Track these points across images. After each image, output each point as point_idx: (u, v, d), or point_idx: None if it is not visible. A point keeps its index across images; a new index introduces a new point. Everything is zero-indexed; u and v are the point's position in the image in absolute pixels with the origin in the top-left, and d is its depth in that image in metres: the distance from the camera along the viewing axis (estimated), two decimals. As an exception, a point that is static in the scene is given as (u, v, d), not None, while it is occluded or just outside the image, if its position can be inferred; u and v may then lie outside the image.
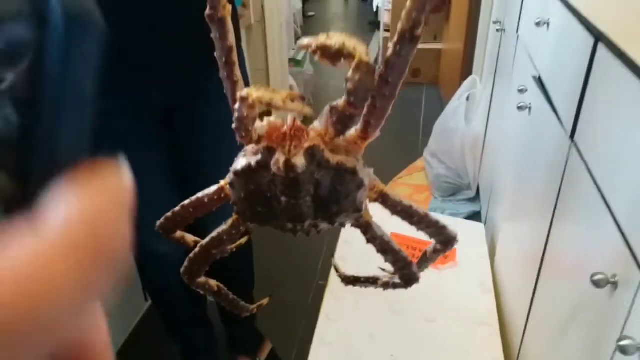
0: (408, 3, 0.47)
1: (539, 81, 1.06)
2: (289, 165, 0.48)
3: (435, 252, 0.68)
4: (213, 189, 0.60)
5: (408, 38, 0.47)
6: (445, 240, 0.65)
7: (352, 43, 0.47)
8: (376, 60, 3.99)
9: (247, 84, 1.07)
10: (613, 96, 0.68)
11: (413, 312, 1.21)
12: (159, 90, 0.95)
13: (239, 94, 0.48)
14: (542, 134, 1.03)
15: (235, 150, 0.55)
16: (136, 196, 0.69)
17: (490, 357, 1.10)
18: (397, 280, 0.72)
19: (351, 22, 5.49)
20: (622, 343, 0.53)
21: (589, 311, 0.70)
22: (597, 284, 0.62)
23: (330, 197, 0.53)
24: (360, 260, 0.66)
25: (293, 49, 2.95)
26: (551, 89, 0.98)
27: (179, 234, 0.70)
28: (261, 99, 0.46)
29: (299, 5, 4.36)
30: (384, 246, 0.64)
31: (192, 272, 0.68)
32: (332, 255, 1.16)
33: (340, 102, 0.49)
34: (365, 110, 0.52)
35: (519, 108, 1.12)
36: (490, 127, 1.87)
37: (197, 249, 0.65)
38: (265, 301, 0.84)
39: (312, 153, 0.49)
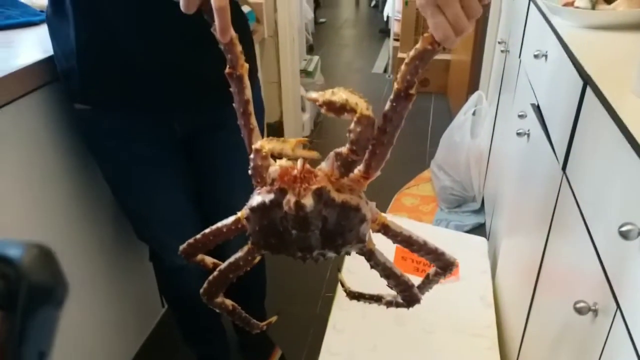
0: (403, 67, 0.55)
1: (538, 109, 1.12)
2: (299, 205, 0.55)
3: (436, 275, 0.75)
4: (231, 219, 0.67)
5: (403, 96, 0.55)
6: (444, 266, 0.72)
7: (354, 99, 0.54)
8: (385, 69, 4.06)
9: (260, 111, 1.15)
10: (598, 137, 0.74)
11: (416, 325, 1.27)
12: (180, 123, 1.02)
13: (253, 147, 0.56)
14: (538, 161, 1.09)
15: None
16: (160, 216, 0.80)
17: (488, 369, 1.16)
18: (399, 300, 0.79)
19: (362, 29, 5.55)
20: (597, 367, 0.59)
21: (574, 335, 0.76)
22: (579, 311, 0.68)
23: (336, 231, 0.60)
24: (366, 273, 0.72)
25: (304, 60, 3.03)
26: (548, 120, 1.04)
27: (199, 257, 0.77)
28: (273, 150, 0.54)
29: (311, 14, 4.44)
30: (387, 271, 0.71)
31: (210, 293, 0.76)
32: (339, 269, 1.22)
33: (344, 149, 0.57)
34: (366, 155, 0.59)
35: (518, 134, 1.19)
36: (494, 142, 1.92)
37: (215, 273, 0.72)
38: (274, 319, 0.91)
39: (319, 194, 0.56)
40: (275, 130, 2.69)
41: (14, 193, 1.01)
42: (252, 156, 0.58)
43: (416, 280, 0.78)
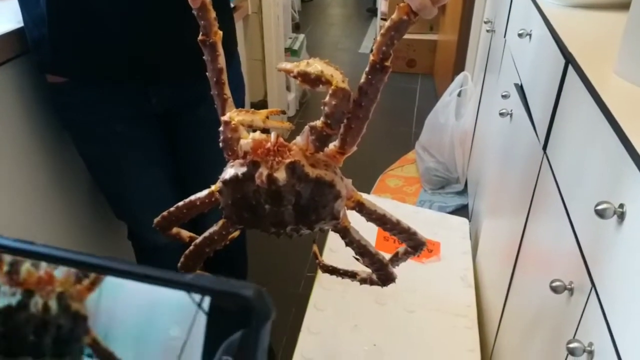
0: (378, 37, 0.53)
1: (521, 89, 1.11)
2: (271, 178, 0.54)
3: (406, 253, 0.75)
4: (204, 193, 0.66)
5: (379, 68, 0.53)
6: (415, 245, 0.72)
7: (330, 70, 0.52)
8: (372, 49, 4.02)
9: (240, 87, 1.12)
10: (578, 117, 0.74)
11: (397, 304, 1.28)
12: (159, 96, 0.99)
13: (222, 118, 0.54)
14: (520, 141, 1.09)
15: None
16: (139, 195, 0.78)
17: (467, 347, 1.17)
18: (374, 278, 0.79)
19: (349, 8, 5.48)
20: (571, 346, 0.60)
21: (550, 313, 0.77)
22: (555, 290, 0.69)
23: (310, 206, 0.59)
24: (349, 252, 0.71)
25: (290, 38, 2.98)
26: (530, 100, 1.03)
27: (174, 230, 0.76)
28: (242, 122, 0.53)
29: (297, -8, 4.37)
30: (361, 249, 0.71)
31: (187, 267, 0.75)
32: (314, 240, 1.22)
33: (318, 122, 0.55)
34: (342, 129, 0.58)
35: (501, 114, 1.18)
36: (479, 123, 1.92)
37: (191, 247, 0.71)
38: None
39: (292, 168, 0.55)
40: (259, 109, 2.66)
41: (-15, 169, 0.99)
42: (221, 128, 0.56)
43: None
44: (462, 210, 2.08)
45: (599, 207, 0.55)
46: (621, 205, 0.55)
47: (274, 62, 2.49)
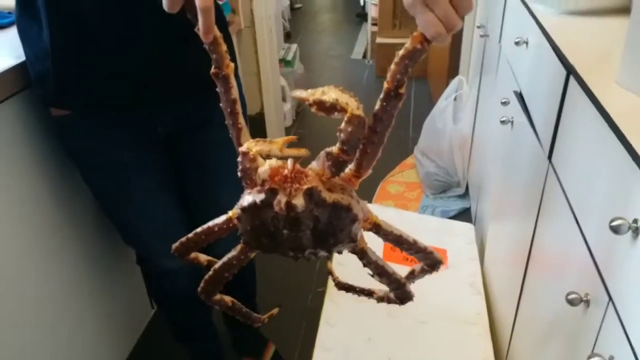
0: (392, 66, 0.54)
1: (520, 97, 1.12)
2: (289, 206, 0.55)
3: (422, 271, 0.75)
4: (222, 218, 0.67)
5: (393, 95, 0.54)
6: (432, 264, 0.72)
7: (345, 98, 0.53)
8: (364, 55, 4.04)
9: (242, 105, 1.13)
10: (582, 128, 0.74)
11: (409, 315, 1.28)
12: (163, 123, 1.00)
13: (239, 150, 0.55)
14: (523, 149, 1.09)
15: (237, 168, 0.60)
16: (146, 221, 0.78)
17: (481, 356, 1.18)
18: (392, 296, 0.79)
19: (339, 14, 5.50)
20: None
21: (566, 325, 0.77)
22: (571, 302, 0.69)
23: (328, 230, 0.60)
24: (357, 265, 0.72)
25: (283, 49, 2.99)
26: (531, 108, 1.04)
27: (192, 255, 0.77)
28: (260, 152, 0.53)
29: (286, 1, 4.38)
30: (379, 270, 0.71)
31: (208, 292, 0.76)
32: (329, 258, 1.22)
33: (335, 149, 0.56)
34: (357, 154, 0.59)
35: (502, 122, 1.19)
36: (477, 128, 1.93)
37: (211, 272, 0.72)
38: (275, 311, 0.92)
39: (310, 194, 0.55)
40: (257, 122, 2.66)
41: (-8, 206, 0.99)
42: (239, 159, 0.57)
43: (405, 270, 0.78)
44: (464, 214, 2.09)
45: (614, 224, 0.56)
46: (635, 221, 0.55)
47: (269, 74, 2.50)
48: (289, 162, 0.58)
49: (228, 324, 1.51)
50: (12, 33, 1.07)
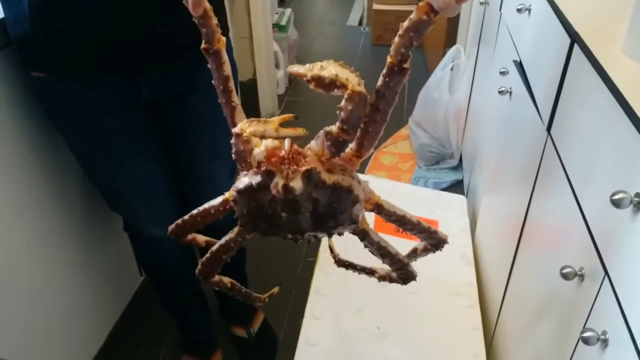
0: (396, 38, 0.50)
1: (520, 66, 1.09)
2: (287, 188, 0.52)
3: (425, 250, 0.74)
4: (218, 200, 0.64)
5: (397, 70, 0.51)
6: (436, 243, 0.71)
7: (345, 73, 0.50)
8: (360, 21, 3.95)
9: (233, 72, 1.10)
10: (586, 99, 0.72)
11: (398, 286, 1.27)
12: (148, 88, 0.96)
13: (233, 131, 0.52)
14: (521, 120, 1.07)
15: (227, 138, 0.58)
16: (132, 188, 0.75)
17: (470, 326, 1.18)
18: (394, 276, 0.78)
19: (335, -20, 5.36)
20: (585, 335, 0.59)
21: (559, 298, 0.77)
22: (565, 276, 0.68)
23: (328, 213, 0.57)
24: (354, 239, 0.70)
25: (277, 13, 2.91)
26: (531, 78, 1.01)
27: (190, 236, 0.75)
28: (255, 133, 0.50)
29: (282, -37, 4.24)
30: (381, 250, 0.70)
31: (205, 274, 0.73)
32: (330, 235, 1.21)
33: (334, 128, 0.53)
34: (358, 133, 0.56)
35: (500, 92, 1.16)
36: (473, 98, 1.90)
37: (208, 255, 0.70)
38: (276, 290, 0.90)
39: (309, 176, 0.52)
40: (249, 88, 2.61)
41: (-27, 168, 0.95)
42: (233, 141, 0.54)
43: (396, 241, 0.76)
44: (457, 186, 2.08)
45: (615, 197, 0.54)
46: (637, 195, 0.54)
47: (262, 39, 2.44)
48: (286, 142, 0.55)
49: (217, 293, 1.51)
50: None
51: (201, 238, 0.76)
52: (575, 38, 0.77)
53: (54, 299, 1.22)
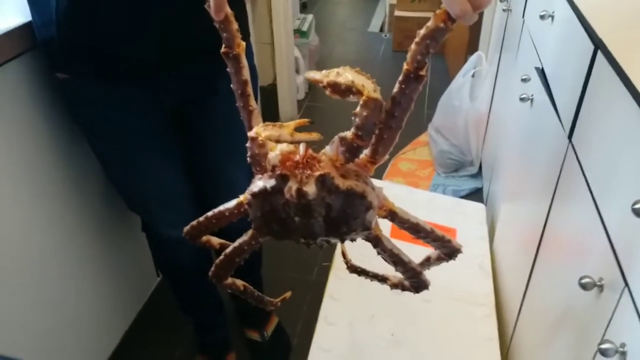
0: (413, 46, 0.50)
1: (542, 74, 1.08)
2: (300, 193, 0.52)
3: (439, 259, 0.73)
4: (233, 203, 0.64)
5: (413, 78, 0.51)
6: (450, 252, 0.69)
7: (361, 80, 0.50)
8: (382, 28, 3.95)
9: (253, 77, 1.11)
10: (609, 107, 0.70)
11: (413, 293, 1.26)
12: (168, 91, 0.97)
13: (248, 134, 0.52)
14: (542, 127, 1.05)
15: (245, 142, 0.58)
16: (151, 189, 0.76)
17: (485, 336, 1.16)
18: (406, 284, 0.77)
19: (357, -14, 5.37)
20: (603, 346, 0.58)
21: (577, 309, 0.75)
22: (584, 286, 0.67)
23: (341, 218, 0.57)
24: (369, 245, 0.70)
25: (298, 19, 2.92)
26: (553, 85, 1.00)
27: (204, 238, 0.75)
28: (270, 137, 0.50)
29: (304, -30, 4.27)
30: (394, 258, 0.69)
31: (219, 276, 0.74)
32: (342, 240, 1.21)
33: (349, 134, 0.53)
34: (373, 139, 0.55)
35: (521, 99, 1.14)
36: (494, 106, 1.88)
37: (222, 257, 0.70)
38: (288, 294, 0.90)
39: (322, 181, 0.52)
40: (269, 93, 2.62)
41: (-3, 165, 0.98)
42: (248, 144, 0.54)
43: (413, 248, 0.76)
44: (476, 194, 2.06)
45: (637, 206, 0.53)
46: (660, 204, 0.52)
47: (283, 45, 2.45)
48: (301, 147, 0.55)
49: (233, 296, 1.51)
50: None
51: (216, 240, 0.77)
52: (598, 45, 0.75)
53: (70, 299, 1.24)
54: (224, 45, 0.57)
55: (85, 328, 1.31)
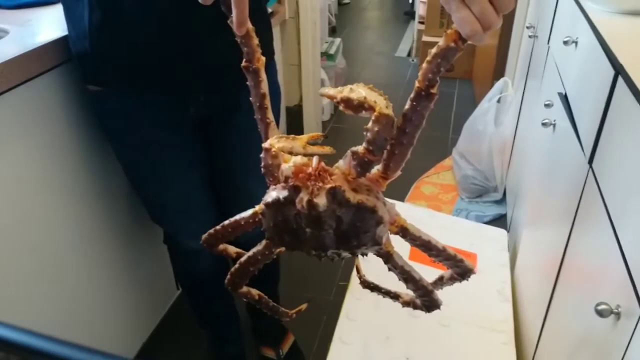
0: (424, 64, 0.51)
1: (565, 99, 1.07)
2: (311, 204, 0.53)
3: (452, 279, 0.72)
4: (249, 213, 0.66)
5: (424, 95, 0.52)
6: (462, 272, 0.69)
7: (373, 96, 0.51)
8: (409, 53, 3.98)
9: (276, 95, 1.12)
10: (628, 132, 0.70)
11: (430, 317, 1.24)
12: (195, 105, 1.00)
13: (263, 145, 0.54)
14: (563, 153, 1.04)
15: None
16: (174, 200, 0.78)
17: (503, 365, 1.14)
18: (418, 302, 0.77)
19: (387, 11, 5.45)
20: (617, 375, 0.56)
21: (594, 337, 0.73)
22: (600, 313, 0.65)
23: (351, 231, 0.58)
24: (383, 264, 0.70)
25: (326, 42, 2.98)
26: (575, 110, 0.99)
27: (221, 246, 0.77)
28: (283, 149, 0.52)
29: (335, -5, 4.36)
30: (405, 275, 0.69)
31: (234, 284, 0.75)
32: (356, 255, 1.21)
33: (360, 148, 0.54)
34: (385, 154, 0.56)
35: (544, 124, 1.14)
36: (519, 132, 1.87)
37: (236, 266, 0.72)
38: (303, 306, 0.91)
39: (333, 193, 0.53)
40: (295, 114, 2.66)
41: (28, 172, 1.02)
42: (262, 155, 0.56)
43: (432, 272, 0.75)
44: (500, 220, 2.03)
45: (652, 231, 0.52)
46: (676, 230, 0.51)
47: (310, 67, 2.50)
48: (314, 159, 0.56)
49: (250, 311, 1.52)
50: (60, 8, 1.10)
51: (232, 249, 0.78)
52: (619, 70, 0.75)
53: (90, 309, 1.26)
54: (244, 59, 0.59)
55: (104, 338, 1.33)
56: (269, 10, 2.07)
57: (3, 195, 0.97)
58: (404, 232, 0.63)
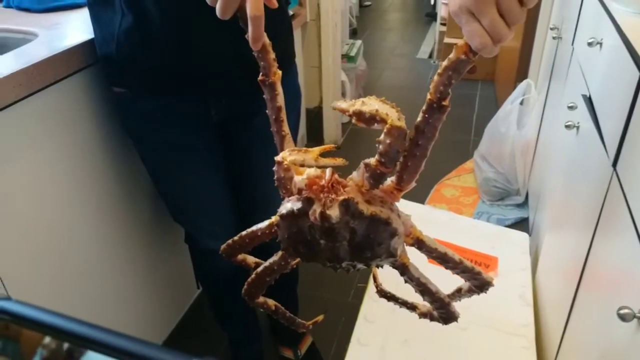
0: (436, 77, 0.51)
1: (589, 101, 1.06)
2: (324, 216, 0.53)
3: (470, 291, 0.72)
4: (265, 224, 0.67)
5: (436, 108, 0.52)
6: (480, 285, 0.68)
7: (385, 109, 0.51)
8: (431, 54, 3.95)
9: (297, 97, 1.12)
10: (653, 133, 0.69)
11: (449, 320, 1.24)
12: (217, 109, 1.02)
13: (275, 158, 0.55)
14: (587, 156, 1.03)
15: None
16: (195, 201, 0.80)
17: (524, 370, 1.12)
18: (435, 314, 0.76)
19: (408, 13, 5.42)
20: (640, 381, 0.55)
21: (617, 342, 0.72)
22: (622, 317, 0.64)
23: (365, 243, 0.58)
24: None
25: (347, 44, 2.98)
26: (599, 113, 0.98)
27: (240, 256, 0.77)
28: (294, 162, 0.52)
29: (356, -2, 4.37)
30: (421, 287, 0.68)
31: (250, 294, 0.76)
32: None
33: (373, 160, 0.54)
34: (398, 166, 0.56)
35: (567, 127, 1.12)
36: (542, 134, 1.84)
37: (253, 276, 0.72)
38: (320, 318, 0.91)
39: (346, 205, 0.54)
40: (315, 115, 2.67)
41: (57, 172, 1.04)
42: (275, 168, 0.57)
43: (451, 276, 0.75)
44: (521, 224, 2.00)
45: (676, 235, 0.51)
46: (701, 234, 0.50)
47: (330, 69, 2.50)
48: (327, 172, 0.57)
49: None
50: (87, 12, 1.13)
51: (251, 259, 0.79)
52: (644, 71, 0.74)
53: (112, 307, 1.28)
54: (261, 74, 0.61)
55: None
56: (290, 12, 2.09)
57: (35, 195, 0.99)
58: (420, 244, 0.63)
